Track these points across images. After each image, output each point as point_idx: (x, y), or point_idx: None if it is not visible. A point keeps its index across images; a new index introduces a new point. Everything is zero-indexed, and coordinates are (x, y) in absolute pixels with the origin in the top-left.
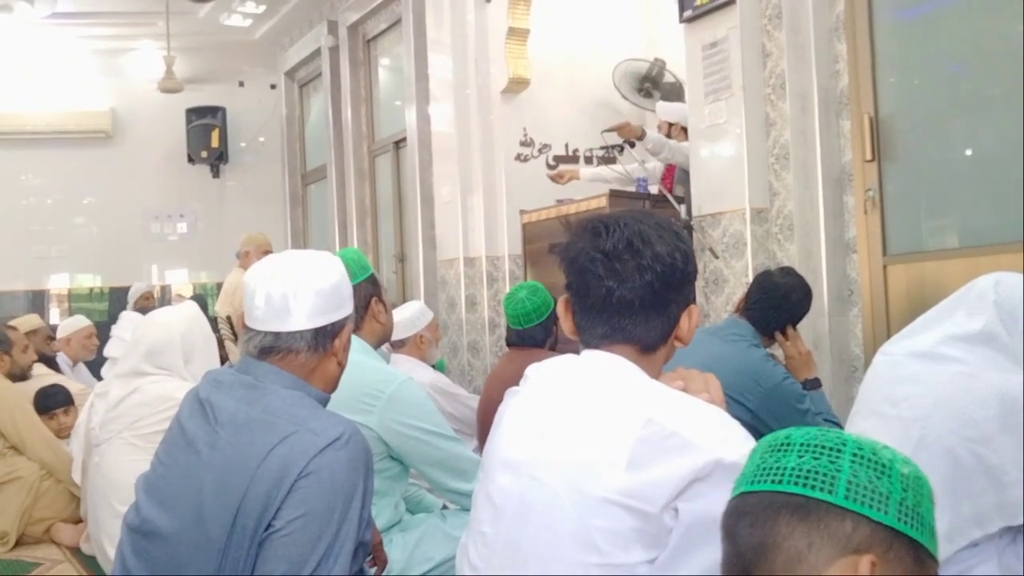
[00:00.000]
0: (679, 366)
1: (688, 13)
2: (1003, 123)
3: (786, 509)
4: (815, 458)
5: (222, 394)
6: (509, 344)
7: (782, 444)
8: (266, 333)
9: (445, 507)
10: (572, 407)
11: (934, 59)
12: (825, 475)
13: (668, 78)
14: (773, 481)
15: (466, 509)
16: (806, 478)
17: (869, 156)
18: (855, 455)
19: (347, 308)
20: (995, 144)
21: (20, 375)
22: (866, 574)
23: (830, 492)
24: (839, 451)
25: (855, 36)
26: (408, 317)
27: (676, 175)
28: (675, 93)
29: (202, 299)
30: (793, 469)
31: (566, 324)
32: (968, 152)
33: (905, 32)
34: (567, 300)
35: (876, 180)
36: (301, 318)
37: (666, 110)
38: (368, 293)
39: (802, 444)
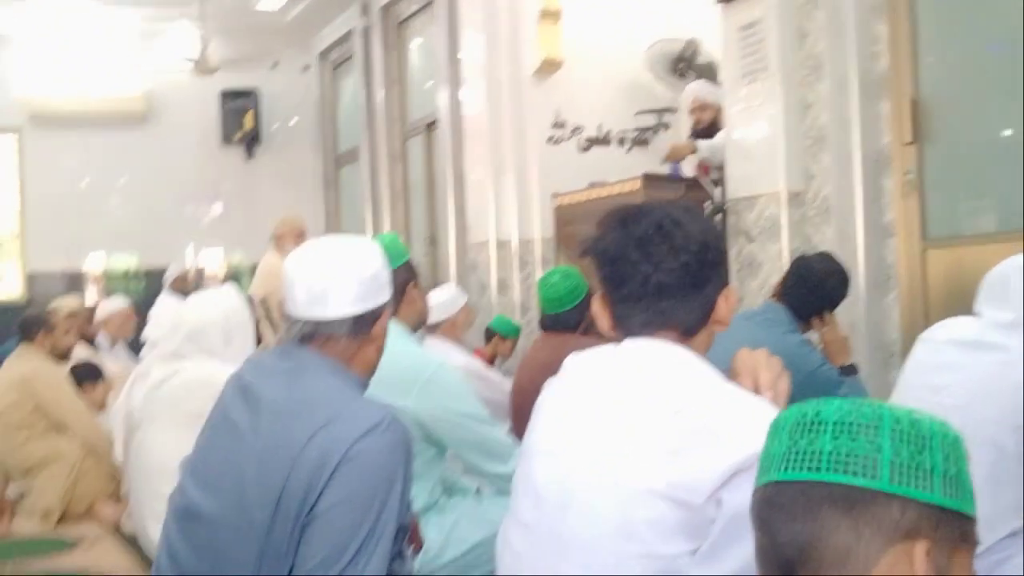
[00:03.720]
0: (744, 348)
1: None
2: None
3: (828, 502)
4: (852, 438)
5: (264, 379)
6: (543, 328)
7: (812, 422)
8: (307, 320)
9: (479, 491)
10: (614, 397)
11: (976, 39)
12: (866, 458)
13: (702, 59)
14: (810, 468)
15: (502, 492)
16: (846, 464)
17: (909, 138)
18: (894, 430)
19: (386, 294)
20: None
21: (61, 356)
22: (922, 563)
23: (874, 477)
24: (876, 428)
25: (896, 16)
26: (443, 301)
27: None
28: (710, 74)
29: (235, 280)
30: (830, 453)
31: (603, 321)
32: (1010, 134)
33: (947, 12)
34: (602, 295)
35: (915, 163)
36: (342, 305)
37: (698, 89)
38: (405, 278)
39: (836, 422)
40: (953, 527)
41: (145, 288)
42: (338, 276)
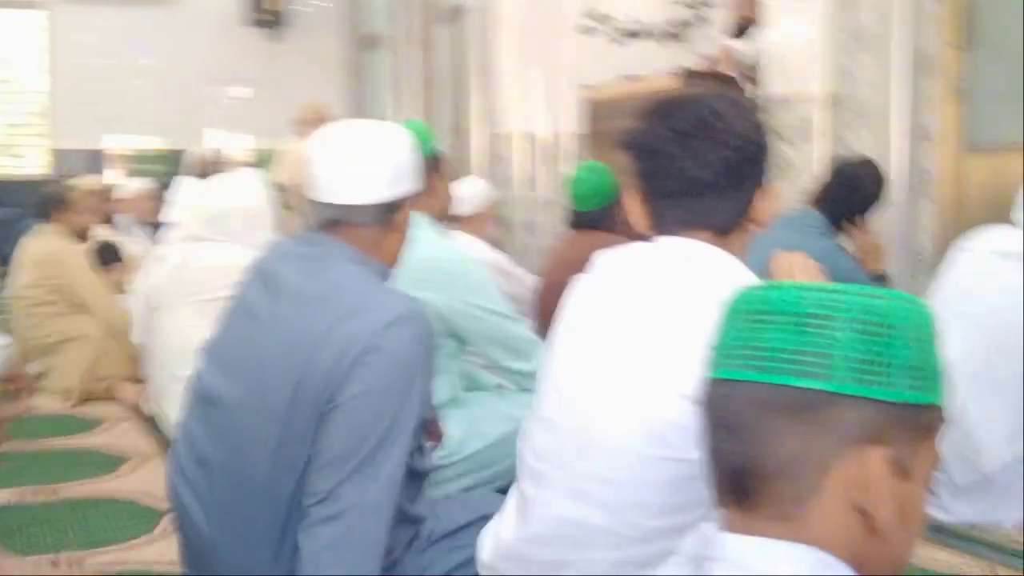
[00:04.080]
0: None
1: None
2: None
3: (775, 409)
4: (802, 332)
5: (285, 266)
6: (569, 225)
7: (760, 311)
8: (329, 205)
9: (500, 387)
10: (647, 296)
11: None
12: (820, 355)
13: None
14: (758, 369)
15: (523, 389)
16: (797, 363)
17: (957, 41)
18: (852, 319)
19: (413, 182)
20: None
21: (80, 235)
22: (879, 469)
23: (828, 379)
24: (829, 318)
25: None
26: (470, 195)
27: None
28: None
29: (257, 166)
30: (779, 351)
31: (636, 218)
32: None
33: None
34: (637, 190)
35: (963, 67)
36: (367, 191)
37: None
38: (430, 167)
39: (785, 311)
40: (917, 420)
41: (167, 170)
42: (364, 161)
